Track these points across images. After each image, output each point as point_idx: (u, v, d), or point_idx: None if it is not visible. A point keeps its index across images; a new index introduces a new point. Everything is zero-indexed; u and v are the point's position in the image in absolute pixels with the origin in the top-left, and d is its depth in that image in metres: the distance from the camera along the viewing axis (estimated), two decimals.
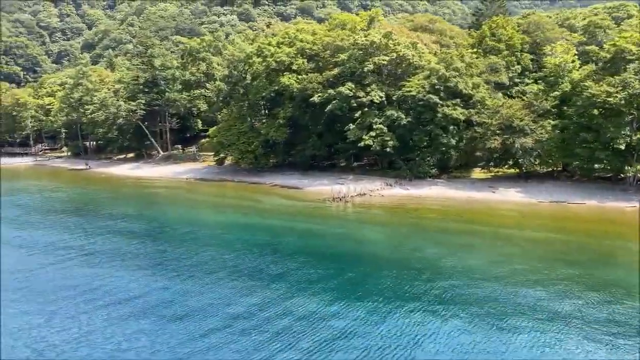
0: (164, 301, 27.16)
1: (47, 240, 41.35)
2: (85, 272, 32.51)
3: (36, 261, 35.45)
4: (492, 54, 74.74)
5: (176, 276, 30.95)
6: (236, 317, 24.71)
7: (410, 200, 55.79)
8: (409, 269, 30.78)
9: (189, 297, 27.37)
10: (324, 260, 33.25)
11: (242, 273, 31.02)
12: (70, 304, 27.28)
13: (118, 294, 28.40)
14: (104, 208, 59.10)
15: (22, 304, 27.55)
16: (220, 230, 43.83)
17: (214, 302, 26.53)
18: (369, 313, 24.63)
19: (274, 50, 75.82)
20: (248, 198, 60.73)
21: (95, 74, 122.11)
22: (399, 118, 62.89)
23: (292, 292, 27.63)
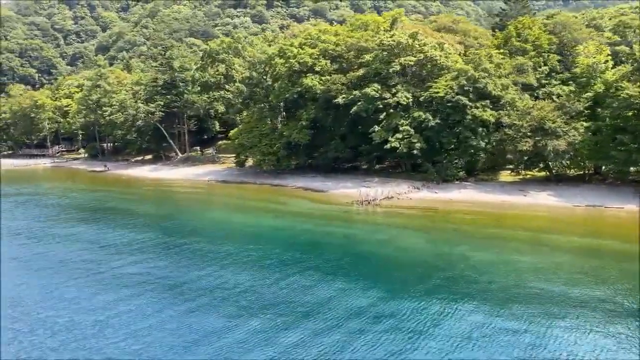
0: (228, 299, 26.87)
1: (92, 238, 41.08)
2: (148, 265, 33.32)
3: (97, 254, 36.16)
4: (518, 55, 73.49)
5: (227, 279, 30.23)
6: (299, 318, 23.99)
7: (440, 204, 54.56)
8: (461, 276, 29.65)
9: (254, 300, 26.81)
10: (371, 265, 32.25)
11: (292, 277, 30.19)
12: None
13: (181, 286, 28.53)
14: (135, 210, 58.72)
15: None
16: (257, 234, 42.91)
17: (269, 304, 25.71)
18: (433, 316, 23.77)
19: (296, 52, 75.01)
20: (275, 201, 59.86)
21: (113, 75, 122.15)
22: (426, 119, 61.69)
23: (347, 296, 26.81)
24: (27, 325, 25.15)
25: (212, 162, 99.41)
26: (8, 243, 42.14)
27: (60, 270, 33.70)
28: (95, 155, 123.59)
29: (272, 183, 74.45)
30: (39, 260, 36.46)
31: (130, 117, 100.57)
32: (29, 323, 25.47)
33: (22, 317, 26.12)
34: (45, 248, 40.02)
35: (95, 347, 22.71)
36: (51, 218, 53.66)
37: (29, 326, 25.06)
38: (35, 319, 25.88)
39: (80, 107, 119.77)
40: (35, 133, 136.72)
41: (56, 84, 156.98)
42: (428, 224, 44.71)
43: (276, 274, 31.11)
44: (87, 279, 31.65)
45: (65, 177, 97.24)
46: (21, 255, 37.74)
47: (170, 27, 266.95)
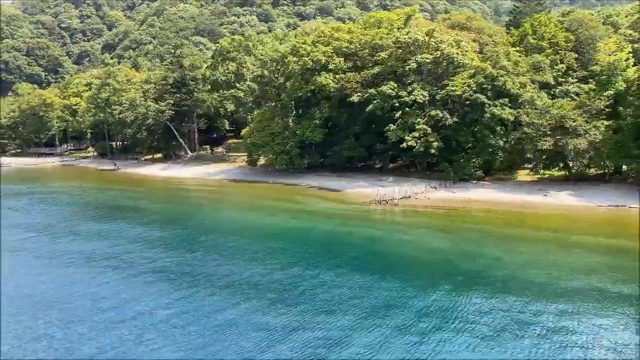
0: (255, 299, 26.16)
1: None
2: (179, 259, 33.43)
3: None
4: (534, 53, 72.56)
5: (253, 280, 29.61)
6: (342, 316, 23.47)
7: (460, 203, 53.78)
8: (494, 277, 28.86)
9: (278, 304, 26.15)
10: (399, 267, 31.45)
11: (321, 277, 29.57)
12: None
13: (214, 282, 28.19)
14: (154, 209, 58.36)
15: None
16: (279, 235, 42.04)
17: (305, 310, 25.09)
18: (471, 315, 23.10)
19: (309, 49, 74.23)
20: (290, 200, 59.15)
21: (122, 73, 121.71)
22: (444, 118, 60.91)
23: (378, 297, 26.21)
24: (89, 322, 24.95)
25: (223, 160, 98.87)
26: (36, 240, 41.61)
27: (105, 266, 33.38)
28: (104, 154, 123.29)
29: (285, 182, 73.76)
30: (75, 257, 36.10)
31: (140, 116, 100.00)
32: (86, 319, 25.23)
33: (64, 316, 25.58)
34: (76, 245, 39.54)
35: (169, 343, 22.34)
36: (72, 217, 52.90)
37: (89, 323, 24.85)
38: (96, 313, 25.66)
39: (90, 105, 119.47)
40: (44, 132, 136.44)
41: (64, 83, 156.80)
42: (450, 224, 43.92)
43: (305, 273, 30.41)
44: (139, 278, 31.13)
45: (77, 176, 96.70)
46: (51, 252, 37.21)
47: (177, 25, 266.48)
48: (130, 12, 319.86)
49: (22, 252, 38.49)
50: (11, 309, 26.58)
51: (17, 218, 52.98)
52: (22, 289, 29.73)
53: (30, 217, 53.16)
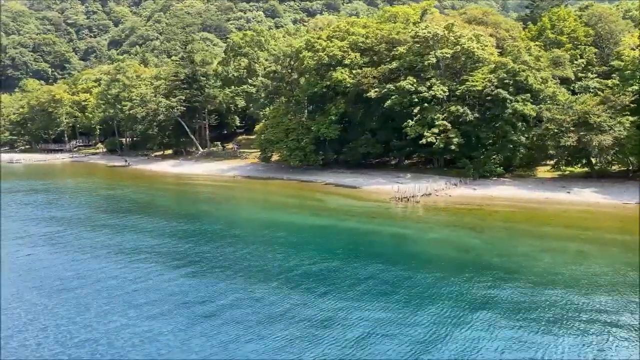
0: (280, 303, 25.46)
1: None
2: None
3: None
4: (553, 47, 71.52)
5: (282, 282, 28.77)
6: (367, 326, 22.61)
7: (482, 201, 52.80)
8: (533, 280, 27.85)
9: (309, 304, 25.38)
10: (434, 268, 30.29)
11: (354, 280, 28.59)
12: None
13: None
14: (171, 206, 57.64)
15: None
16: (303, 232, 41.16)
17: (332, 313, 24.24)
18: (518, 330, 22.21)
19: (325, 44, 73.28)
20: (309, 197, 58.30)
21: (132, 69, 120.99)
22: (464, 114, 59.90)
23: (418, 302, 25.34)
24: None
25: (234, 157, 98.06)
26: (66, 235, 40.99)
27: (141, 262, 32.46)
28: (114, 150, 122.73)
29: (300, 179, 72.92)
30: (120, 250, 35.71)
31: (151, 112, 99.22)
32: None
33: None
34: (112, 238, 39.12)
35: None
36: (93, 215, 51.84)
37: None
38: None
39: (99, 101, 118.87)
40: (52, 128, 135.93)
41: (72, 79, 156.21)
42: (477, 222, 42.96)
43: (340, 270, 29.59)
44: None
45: (89, 172, 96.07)
46: (86, 246, 36.72)
47: (183, 21, 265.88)
48: (136, 8, 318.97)
49: (53, 246, 37.90)
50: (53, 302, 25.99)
51: (40, 213, 52.20)
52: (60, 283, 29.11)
53: (52, 213, 52.37)
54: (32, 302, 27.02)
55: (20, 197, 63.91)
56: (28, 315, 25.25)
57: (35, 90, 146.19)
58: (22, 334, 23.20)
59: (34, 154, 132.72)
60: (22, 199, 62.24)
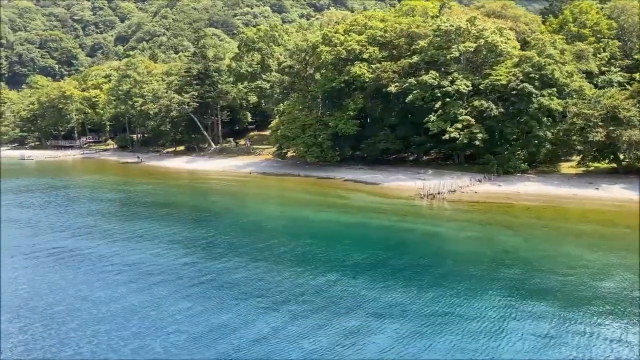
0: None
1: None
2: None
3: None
4: (575, 41, 70.19)
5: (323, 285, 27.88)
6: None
7: (510, 197, 51.77)
8: (590, 280, 26.97)
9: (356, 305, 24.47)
10: (479, 268, 29.11)
11: (399, 279, 27.78)
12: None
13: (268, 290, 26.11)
14: (193, 204, 56.62)
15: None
16: (333, 231, 40.02)
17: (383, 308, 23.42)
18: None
19: (343, 39, 72.16)
20: (332, 194, 57.30)
21: (142, 65, 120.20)
22: (488, 109, 58.73)
23: (472, 303, 24.41)
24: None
25: (248, 153, 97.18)
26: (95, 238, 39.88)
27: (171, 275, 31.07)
28: (125, 147, 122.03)
29: (318, 175, 72.04)
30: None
31: (163, 108, 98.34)
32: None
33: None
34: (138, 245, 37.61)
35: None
36: (117, 214, 50.59)
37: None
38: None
39: (110, 97, 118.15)
40: (63, 124, 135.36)
41: (82, 75, 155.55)
42: (511, 219, 41.89)
43: (376, 275, 28.51)
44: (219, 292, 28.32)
45: (103, 169, 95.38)
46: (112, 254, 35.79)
47: (190, 17, 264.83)
48: (142, 3, 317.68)
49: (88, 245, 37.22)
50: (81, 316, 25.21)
51: (68, 211, 51.34)
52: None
53: (79, 211, 51.50)
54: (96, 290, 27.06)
55: (42, 195, 62.94)
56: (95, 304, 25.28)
57: (45, 87, 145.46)
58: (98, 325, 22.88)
59: (44, 150, 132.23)
60: (44, 197, 61.31)
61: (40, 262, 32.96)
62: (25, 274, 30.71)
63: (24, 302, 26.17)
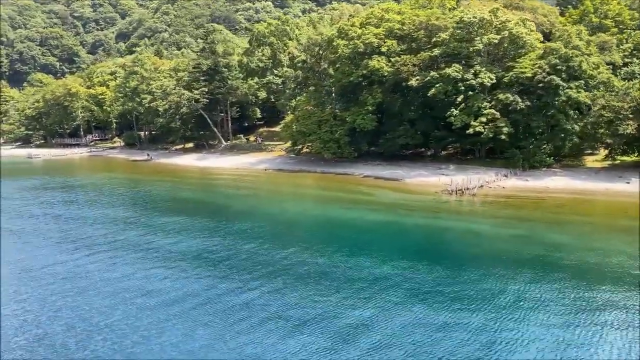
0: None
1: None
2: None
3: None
4: (597, 32, 68.88)
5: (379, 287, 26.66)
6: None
7: (540, 192, 50.56)
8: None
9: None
10: (532, 268, 27.91)
11: (452, 281, 26.60)
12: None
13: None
14: (214, 201, 55.56)
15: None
16: (367, 230, 38.58)
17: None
18: None
19: (360, 32, 70.70)
20: (355, 191, 56.04)
21: (149, 61, 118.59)
22: (514, 102, 57.41)
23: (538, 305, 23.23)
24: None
25: (259, 150, 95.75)
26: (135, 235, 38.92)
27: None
28: (133, 144, 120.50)
29: (335, 172, 70.71)
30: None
31: (173, 104, 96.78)
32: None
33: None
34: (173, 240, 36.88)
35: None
36: (144, 212, 49.19)
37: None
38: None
39: (118, 94, 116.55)
40: (68, 122, 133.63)
41: (87, 72, 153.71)
42: (550, 215, 40.59)
43: (433, 277, 27.27)
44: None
45: (114, 168, 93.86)
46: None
47: (192, 12, 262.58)
48: (142, 0, 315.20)
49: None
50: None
51: (95, 212, 50.09)
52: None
53: (106, 210, 50.35)
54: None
55: (62, 195, 61.56)
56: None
57: (51, 84, 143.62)
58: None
59: (50, 149, 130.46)
60: (64, 197, 59.94)
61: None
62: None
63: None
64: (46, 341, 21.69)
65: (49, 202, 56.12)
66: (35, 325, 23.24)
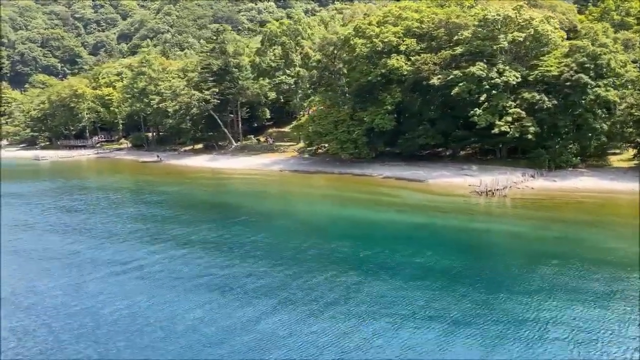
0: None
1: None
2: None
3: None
4: (620, 29, 67.80)
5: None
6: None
7: (571, 193, 49.45)
8: None
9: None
10: (591, 272, 27.05)
11: (512, 286, 25.55)
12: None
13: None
14: (240, 204, 54.09)
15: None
16: (409, 234, 37.09)
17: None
18: None
19: (378, 30, 69.54)
20: (380, 193, 54.83)
21: (157, 62, 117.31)
22: (540, 101, 56.27)
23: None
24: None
25: (271, 151, 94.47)
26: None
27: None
28: (140, 145, 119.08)
29: (353, 172, 69.52)
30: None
31: (184, 105, 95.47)
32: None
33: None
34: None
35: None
36: (176, 218, 47.14)
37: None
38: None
39: (126, 95, 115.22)
40: (74, 123, 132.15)
41: (92, 73, 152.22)
42: (593, 218, 39.29)
43: (483, 284, 26.00)
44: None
45: (125, 170, 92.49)
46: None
47: (194, 13, 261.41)
48: (143, 1, 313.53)
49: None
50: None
51: (125, 217, 48.47)
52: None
53: (134, 213, 49.32)
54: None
55: (84, 198, 60.19)
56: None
57: (56, 85, 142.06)
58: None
59: (57, 150, 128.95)
60: (87, 201, 58.53)
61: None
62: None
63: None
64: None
65: (92, 203, 55.67)
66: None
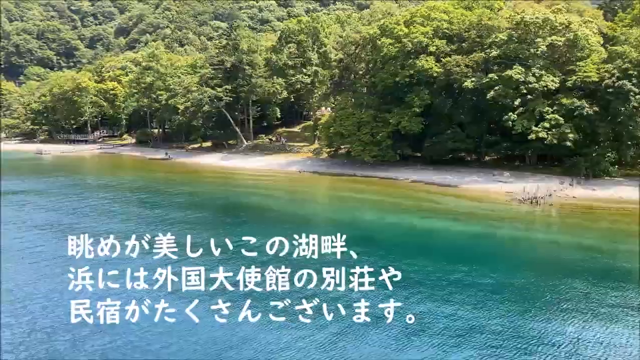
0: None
1: None
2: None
3: None
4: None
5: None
6: None
7: (618, 203, 47.84)
8: None
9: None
10: None
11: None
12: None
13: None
14: (291, 211, 50.78)
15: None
16: (471, 245, 34.73)
17: None
18: None
19: (407, 31, 67.68)
20: (416, 197, 52.75)
21: (165, 57, 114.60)
22: (580, 107, 54.73)
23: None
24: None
25: (284, 151, 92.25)
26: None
27: None
28: (146, 142, 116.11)
29: (377, 176, 67.51)
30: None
31: (195, 102, 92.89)
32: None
33: None
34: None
35: None
36: (236, 222, 44.06)
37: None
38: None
39: (133, 90, 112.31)
40: (76, 117, 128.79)
41: (95, 66, 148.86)
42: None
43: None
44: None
45: (136, 167, 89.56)
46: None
47: (194, 9, 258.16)
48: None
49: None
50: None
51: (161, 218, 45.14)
52: None
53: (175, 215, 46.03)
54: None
55: (110, 195, 57.43)
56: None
57: (59, 78, 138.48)
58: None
59: (58, 144, 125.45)
60: (116, 199, 55.57)
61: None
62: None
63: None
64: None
65: (125, 202, 53.10)
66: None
